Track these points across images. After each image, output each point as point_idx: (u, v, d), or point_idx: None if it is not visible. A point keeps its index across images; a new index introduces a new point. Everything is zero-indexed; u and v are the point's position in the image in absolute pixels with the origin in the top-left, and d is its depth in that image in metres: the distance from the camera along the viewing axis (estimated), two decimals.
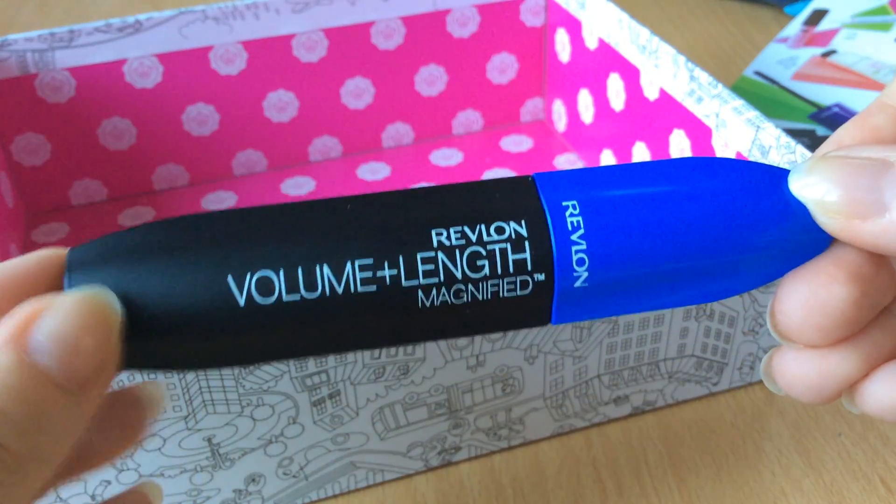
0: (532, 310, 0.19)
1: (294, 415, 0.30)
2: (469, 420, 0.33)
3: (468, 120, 0.54)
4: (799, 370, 0.19)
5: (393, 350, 0.30)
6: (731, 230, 0.19)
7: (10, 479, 0.15)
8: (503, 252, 0.19)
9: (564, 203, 0.19)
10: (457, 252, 0.18)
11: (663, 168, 0.20)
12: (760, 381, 0.37)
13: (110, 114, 0.47)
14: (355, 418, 0.31)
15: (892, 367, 0.19)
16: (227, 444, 0.30)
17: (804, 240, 0.19)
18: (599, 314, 0.20)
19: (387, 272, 0.18)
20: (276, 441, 0.31)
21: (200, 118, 0.49)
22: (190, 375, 0.28)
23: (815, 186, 0.18)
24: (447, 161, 0.52)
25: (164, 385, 0.22)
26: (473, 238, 0.19)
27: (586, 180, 0.20)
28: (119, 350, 0.17)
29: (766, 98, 0.52)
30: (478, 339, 0.30)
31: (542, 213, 0.19)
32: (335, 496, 0.33)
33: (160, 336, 0.18)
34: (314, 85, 0.50)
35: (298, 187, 0.50)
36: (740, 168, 0.20)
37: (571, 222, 0.19)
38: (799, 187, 0.18)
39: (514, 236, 0.19)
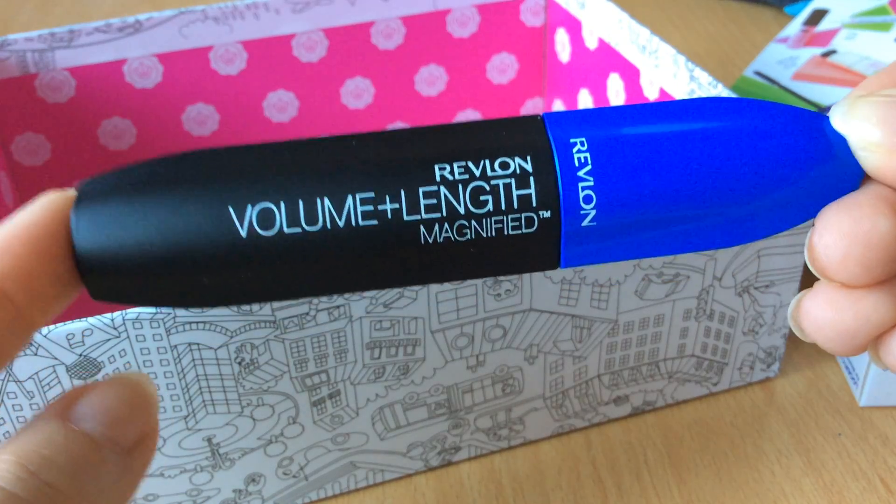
0: (539, 250, 0.19)
1: (294, 415, 0.30)
2: (469, 420, 0.33)
3: (468, 120, 0.54)
4: (832, 313, 0.18)
5: (393, 350, 0.30)
6: (756, 171, 0.18)
7: None
8: (507, 187, 0.18)
9: (573, 140, 0.18)
10: (460, 186, 0.18)
11: (686, 107, 0.19)
12: (760, 381, 0.37)
13: (110, 114, 0.47)
14: (355, 418, 0.31)
15: None
16: (227, 444, 0.30)
17: (830, 183, 0.18)
18: (614, 256, 0.19)
19: (388, 206, 0.18)
20: (276, 441, 0.31)
21: (200, 118, 0.49)
22: (190, 375, 0.28)
23: (857, 122, 0.18)
24: None
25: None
26: (477, 173, 0.18)
27: (600, 118, 0.19)
28: (157, 424, 0.19)
29: (766, 98, 0.52)
30: (478, 338, 0.30)
31: (548, 148, 0.18)
32: (335, 496, 0.33)
33: (166, 269, 0.18)
34: (314, 85, 0.50)
35: None
36: (767, 108, 0.19)
37: (579, 158, 0.18)
38: (840, 122, 0.18)
39: (518, 171, 0.18)
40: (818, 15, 0.58)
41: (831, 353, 0.19)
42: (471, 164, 0.18)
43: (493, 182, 0.18)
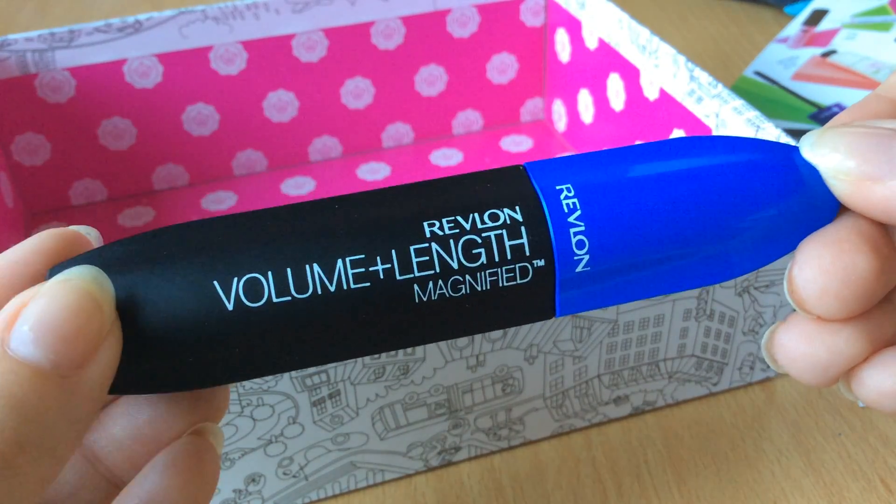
0: (535, 300, 0.19)
1: (294, 415, 0.30)
2: (469, 420, 0.33)
3: (468, 120, 0.54)
4: (806, 346, 0.19)
5: (393, 350, 0.30)
6: (735, 204, 0.19)
7: None
8: (499, 238, 0.18)
9: (558, 187, 0.18)
10: (451, 242, 0.18)
11: (661, 148, 0.19)
12: (760, 381, 0.37)
13: (110, 114, 0.47)
14: (355, 418, 0.31)
15: (891, 353, 0.19)
16: (227, 444, 0.30)
17: (807, 213, 0.19)
18: (607, 301, 0.19)
19: (380, 267, 0.18)
20: (276, 441, 0.31)
21: (200, 118, 0.49)
22: None
23: (829, 153, 0.18)
24: (447, 161, 0.52)
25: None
26: (467, 227, 0.18)
27: (579, 165, 0.19)
28: (117, 326, 0.17)
29: (766, 98, 0.52)
30: (478, 338, 0.30)
31: (536, 197, 0.18)
32: (335, 496, 0.33)
33: (150, 350, 0.17)
34: (314, 85, 0.50)
35: (298, 187, 0.50)
36: (741, 144, 0.19)
37: (567, 204, 0.18)
38: (811, 154, 0.19)
39: (509, 222, 0.18)
40: (818, 15, 0.58)
41: (804, 384, 0.20)
42: (460, 219, 0.18)
43: (484, 234, 0.18)
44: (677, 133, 0.40)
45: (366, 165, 0.51)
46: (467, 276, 0.18)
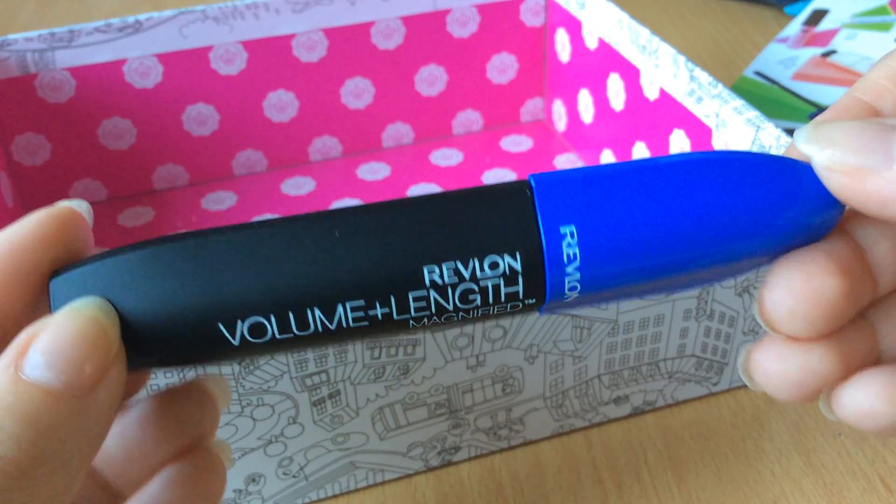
0: (520, 314, 0.20)
1: (294, 415, 0.30)
2: (469, 420, 0.33)
3: (468, 120, 0.54)
4: (780, 365, 0.19)
5: (393, 350, 0.30)
6: (741, 250, 0.19)
7: (11, 484, 0.16)
8: (496, 287, 0.19)
9: (563, 230, 0.18)
10: (449, 290, 0.19)
11: (670, 178, 0.19)
12: None
13: (110, 114, 0.47)
14: (355, 418, 0.31)
15: (870, 373, 0.19)
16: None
17: (809, 233, 0.19)
18: (592, 305, 0.20)
19: (378, 311, 0.18)
20: (276, 441, 0.31)
21: (200, 118, 0.49)
22: (190, 375, 0.28)
23: (824, 146, 0.18)
24: (447, 161, 0.52)
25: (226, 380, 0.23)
26: (467, 275, 0.19)
27: (587, 194, 0.19)
28: (121, 348, 0.18)
29: (766, 98, 0.52)
30: (478, 338, 0.30)
31: (538, 242, 0.19)
32: (335, 496, 0.33)
33: (153, 364, 0.19)
34: (314, 85, 0.50)
35: (298, 187, 0.50)
36: (751, 177, 0.19)
37: (568, 254, 0.18)
38: (806, 147, 0.19)
39: (507, 272, 0.19)
40: (818, 15, 0.58)
41: (784, 402, 0.20)
42: (460, 266, 0.19)
43: (482, 283, 0.19)
44: (677, 133, 0.40)
45: (366, 165, 0.51)
46: (461, 314, 0.19)
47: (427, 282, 0.18)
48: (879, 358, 0.20)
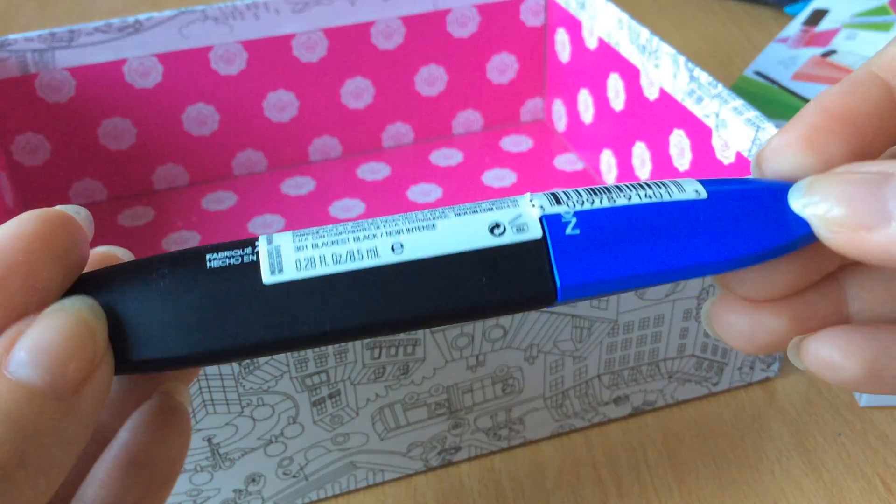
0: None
1: (294, 415, 0.30)
2: (469, 420, 0.33)
3: (468, 120, 0.54)
4: (734, 318, 0.21)
5: (393, 350, 0.30)
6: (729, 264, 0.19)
7: None
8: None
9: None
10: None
11: (677, 232, 0.19)
12: (760, 381, 0.37)
13: (110, 114, 0.47)
14: (355, 418, 0.31)
15: (835, 329, 0.19)
16: (227, 444, 0.30)
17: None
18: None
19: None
20: (276, 441, 0.31)
21: (200, 118, 0.49)
22: None
23: (818, 204, 0.18)
24: (447, 161, 0.52)
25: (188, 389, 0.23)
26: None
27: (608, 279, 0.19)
28: (108, 351, 0.17)
29: (766, 98, 0.52)
30: (478, 338, 0.30)
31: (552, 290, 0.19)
32: (335, 496, 0.33)
33: (142, 369, 0.18)
34: (314, 85, 0.50)
35: (298, 187, 0.50)
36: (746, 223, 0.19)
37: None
38: (801, 205, 0.19)
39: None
40: (818, 15, 0.58)
41: (744, 353, 0.21)
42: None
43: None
44: (677, 133, 0.40)
45: (366, 165, 0.51)
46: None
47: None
48: (848, 318, 0.21)
